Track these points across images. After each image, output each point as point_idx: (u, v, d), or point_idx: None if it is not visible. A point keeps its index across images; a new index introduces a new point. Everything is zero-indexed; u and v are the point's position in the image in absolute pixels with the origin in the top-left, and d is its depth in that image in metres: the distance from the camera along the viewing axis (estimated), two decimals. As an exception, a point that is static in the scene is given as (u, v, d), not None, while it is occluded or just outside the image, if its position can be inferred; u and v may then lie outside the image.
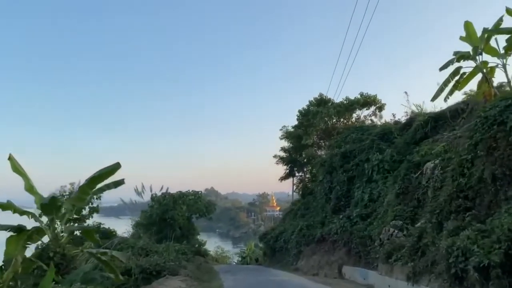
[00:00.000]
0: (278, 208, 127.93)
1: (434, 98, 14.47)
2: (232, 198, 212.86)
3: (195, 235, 26.61)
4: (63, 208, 9.55)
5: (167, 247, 16.96)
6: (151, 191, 26.05)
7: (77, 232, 15.46)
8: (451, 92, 14.51)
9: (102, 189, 10.62)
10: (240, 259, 51.27)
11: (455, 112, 17.50)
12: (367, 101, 29.63)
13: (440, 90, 14.25)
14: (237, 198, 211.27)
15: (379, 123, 26.23)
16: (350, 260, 15.69)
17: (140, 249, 16.34)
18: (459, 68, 13.91)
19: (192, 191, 25.50)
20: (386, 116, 28.37)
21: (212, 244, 60.19)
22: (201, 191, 25.40)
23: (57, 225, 9.82)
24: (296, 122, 33.89)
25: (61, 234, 10.20)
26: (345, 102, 29.63)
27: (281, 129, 36.34)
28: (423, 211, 13.25)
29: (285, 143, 37.35)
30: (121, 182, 10.87)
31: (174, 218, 22.89)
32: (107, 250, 9.76)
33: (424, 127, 18.21)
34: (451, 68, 13.86)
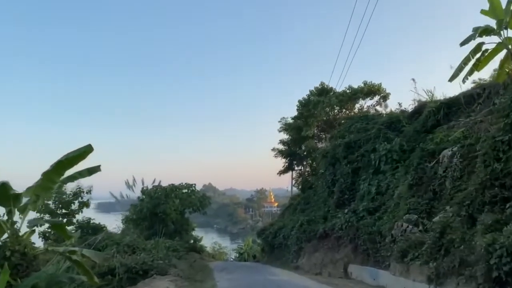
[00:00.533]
0: (276, 204, 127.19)
1: (452, 78, 12.99)
2: (230, 194, 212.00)
3: (190, 231, 25.15)
4: (22, 198, 7.99)
5: (156, 243, 15.51)
6: (143, 184, 24.57)
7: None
8: (470, 72, 13.04)
9: (73, 177, 9.07)
10: (237, 255, 50.08)
11: (470, 98, 16.09)
12: (371, 90, 28.16)
13: (459, 69, 12.78)
14: (235, 194, 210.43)
15: (384, 112, 24.72)
16: (357, 258, 14.28)
17: (126, 246, 14.88)
18: (481, 44, 12.43)
19: (186, 184, 24.00)
20: (392, 106, 26.91)
21: (209, 240, 59.04)
22: (194, 184, 24.03)
23: (19, 218, 8.27)
24: (295, 113, 32.39)
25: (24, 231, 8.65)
26: (347, 91, 28.12)
27: (279, 121, 34.89)
28: (440, 203, 11.86)
29: (284, 136, 35.91)
30: (97, 169, 9.33)
31: (166, 212, 21.41)
32: (76, 248, 8.23)
33: (436, 114, 16.79)
34: (472, 45, 12.35)
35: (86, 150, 8.21)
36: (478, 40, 12.21)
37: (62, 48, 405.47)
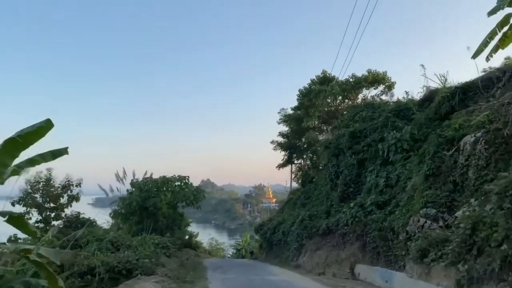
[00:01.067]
0: (274, 200, 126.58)
1: (476, 55, 11.44)
2: (228, 189, 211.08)
3: (184, 226, 23.67)
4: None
5: (143, 240, 14.04)
6: (133, 177, 23.07)
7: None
8: (495, 49, 11.51)
9: (34, 161, 7.48)
10: (235, 251, 48.80)
11: (488, 82, 14.64)
12: (375, 78, 26.65)
13: (484, 44, 11.22)
14: (233, 189, 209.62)
15: (391, 101, 23.22)
16: (365, 257, 12.85)
17: (109, 242, 13.40)
18: (509, 16, 10.90)
19: (178, 176, 22.45)
20: (398, 96, 25.37)
21: (207, 235, 57.77)
22: (188, 176, 22.49)
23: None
24: (296, 104, 30.83)
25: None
26: (351, 80, 26.60)
27: (279, 112, 33.36)
28: (463, 196, 10.44)
29: (284, 128, 34.41)
30: (63, 152, 7.74)
31: (156, 206, 19.93)
32: (31, 247, 6.70)
33: (450, 100, 15.33)
34: (500, 16, 10.81)
35: (44, 126, 6.66)
36: (507, 10, 10.68)
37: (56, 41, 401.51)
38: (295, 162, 35.74)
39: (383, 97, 26.16)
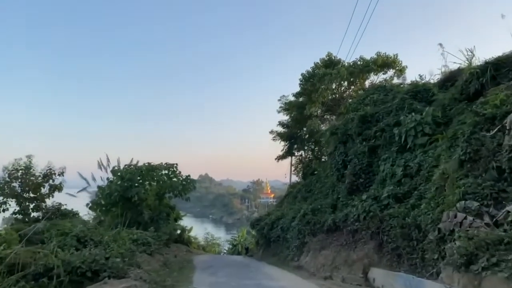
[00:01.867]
0: (272, 195, 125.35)
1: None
2: (226, 184, 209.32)
3: (174, 220, 21.39)
4: None
5: (117, 235, 11.80)
6: (118, 164, 20.71)
7: None
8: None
9: None
10: (231, 246, 46.80)
11: (526, 55, 12.49)
12: (385, 62, 24.36)
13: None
14: (231, 184, 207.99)
15: (405, 84, 20.93)
16: (382, 260, 10.66)
17: (75, 237, 11.17)
18: None
19: (166, 164, 20.10)
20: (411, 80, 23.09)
21: (204, 230, 55.78)
22: (176, 164, 20.14)
23: None
24: (297, 91, 28.49)
25: None
26: (359, 62, 24.29)
27: (279, 100, 31.04)
28: (514, 185, 8.25)
29: (284, 117, 32.12)
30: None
31: (140, 197, 17.66)
32: None
33: (479, 77, 13.11)
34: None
35: None
36: None
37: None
38: (296, 154, 33.52)
39: (394, 82, 23.87)
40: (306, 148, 30.50)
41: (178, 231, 29.46)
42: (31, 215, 22.10)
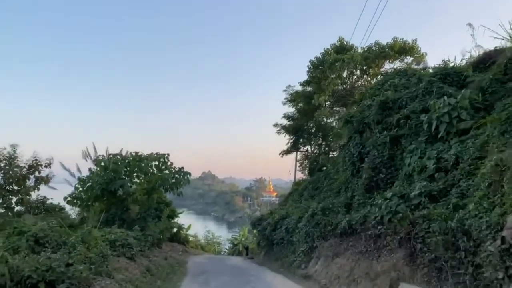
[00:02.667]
0: (275, 194, 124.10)
1: None
2: (229, 182, 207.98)
3: (166, 217, 19.18)
4: None
5: (87, 235, 9.67)
6: (107, 154, 18.54)
7: None
8: None
9: None
10: (231, 245, 44.96)
11: None
12: (403, 48, 22.03)
13: None
14: (234, 182, 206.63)
15: (429, 68, 18.60)
16: (415, 274, 8.42)
17: (32, 238, 9.04)
18: None
19: (156, 154, 17.84)
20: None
21: (205, 228, 53.95)
22: (167, 154, 17.86)
23: None
24: (305, 79, 26.19)
25: None
26: (374, 48, 22.01)
27: (285, 90, 28.75)
28: None
29: (290, 109, 29.86)
30: None
31: (127, 191, 15.49)
32: None
33: (528, 53, 10.82)
34: None
35: None
36: None
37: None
38: (302, 149, 31.29)
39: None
40: (313, 142, 28.23)
41: (174, 229, 27.41)
42: (15, 209, 20.31)
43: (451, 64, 16.21)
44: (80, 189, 16.16)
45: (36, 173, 20.57)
